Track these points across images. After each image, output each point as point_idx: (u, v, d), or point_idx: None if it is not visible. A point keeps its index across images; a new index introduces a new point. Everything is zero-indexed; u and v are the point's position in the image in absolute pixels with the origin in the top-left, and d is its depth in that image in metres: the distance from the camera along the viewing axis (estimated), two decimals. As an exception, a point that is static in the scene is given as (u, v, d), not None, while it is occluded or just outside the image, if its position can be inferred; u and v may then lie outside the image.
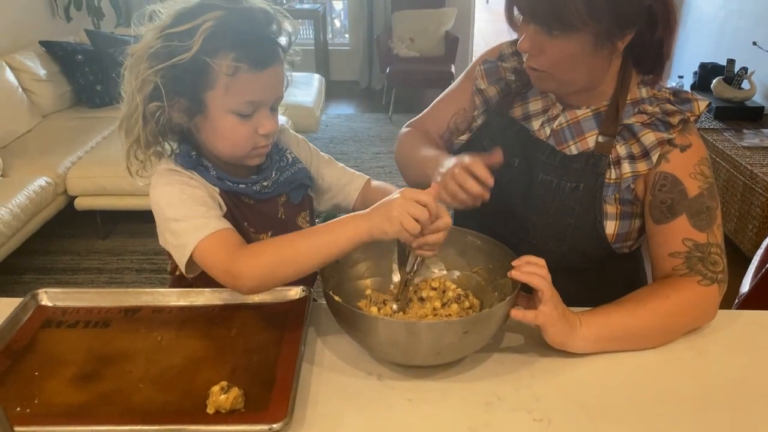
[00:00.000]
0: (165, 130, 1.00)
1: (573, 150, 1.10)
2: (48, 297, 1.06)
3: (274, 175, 1.09)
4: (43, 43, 3.88)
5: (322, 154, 1.22)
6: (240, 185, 1.04)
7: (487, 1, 10.86)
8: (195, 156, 1.02)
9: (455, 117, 1.26)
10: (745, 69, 3.54)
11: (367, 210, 0.89)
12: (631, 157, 1.06)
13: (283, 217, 1.11)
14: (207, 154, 1.04)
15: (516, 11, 1.01)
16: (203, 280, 1.01)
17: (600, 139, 1.07)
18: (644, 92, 1.08)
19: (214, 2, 0.92)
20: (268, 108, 0.98)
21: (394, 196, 0.88)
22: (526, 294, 0.95)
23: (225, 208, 1.03)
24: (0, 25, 3.72)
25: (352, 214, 0.91)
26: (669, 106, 1.04)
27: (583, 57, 0.98)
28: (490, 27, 8.65)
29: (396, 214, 0.86)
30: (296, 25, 1.02)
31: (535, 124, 1.14)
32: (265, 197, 1.08)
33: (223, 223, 0.96)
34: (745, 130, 3.33)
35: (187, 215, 0.95)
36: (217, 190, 1.02)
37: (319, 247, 0.90)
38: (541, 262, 0.93)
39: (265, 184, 1.07)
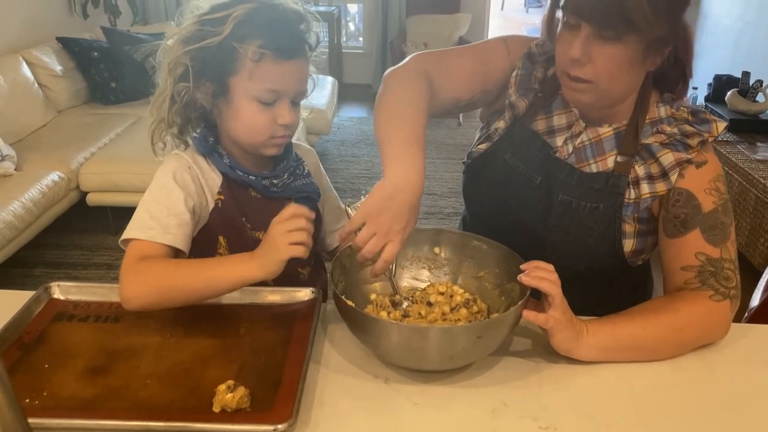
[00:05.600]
0: (190, 112, 1.05)
1: (593, 168, 1.09)
2: (60, 290, 1.07)
3: (286, 177, 1.12)
4: (59, 39, 3.92)
5: (333, 191, 1.28)
6: (250, 176, 1.07)
7: (502, 8, 10.85)
8: (212, 142, 1.07)
9: (482, 94, 1.17)
10: (760, 82, 3.52)
11: (254, 252, 0.94)
12: (650, 178, 1.05)
13: None
14: (225, 142, 1.07)
15: (561, 19, 0.99)
16: None
17: (619, 158, 1.06)
18: (663, 111, 1.07)
19: None
20: (289, 99, 1.02)
21: (270, 230, 0.93)
22: (535, 299, 0.95)
23: (211, 206, 1.06)
24: (17, 21, 3.76)
25: (243, 254, 0.95)
26: (688, 127, 1.04)
27: (630, 66, 0.97)
28: (504, 33, 8.65)
29: (280, 240, 0.91)
30: (319, 28, 1.06)
31: (559, 141, 1.12)
32: (273, 195, 1.10)
33: (164, 237, 0.97)
34: (758, 143, 3.31)
35: (149, 209, 1.00)
36: (220, 180, 1.06)
37: (209, 281, 0.94)
38: (550, 267, 0.93)
39: (275, 182, 1.10)
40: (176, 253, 1.00)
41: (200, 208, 1.05)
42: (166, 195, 1.01)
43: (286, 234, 0.91)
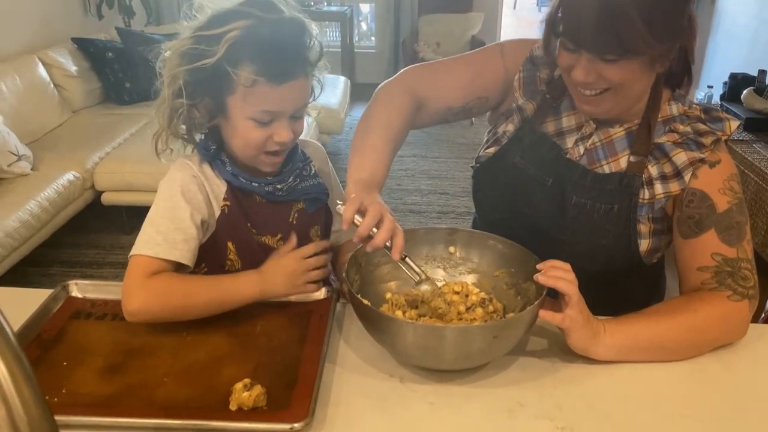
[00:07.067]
0: (190, 124, 1.04)
1: (605, 170, 1.08)
2: (78, 288, 1.08)
3: (291, 180, 1.11)
4: (74, 40, 3.95)
5: (341, 189, 1.25)
6: (253, 183, 1.07)
7: (514, 7, 10.81)
8: (214, 150, 1.06)
9: (476, 101, 1.18)
10: (776, 80, 3.48)
11: (263, 272, 1.03)
12: (663, 177, 1.04)
13: (295, 222, 1.13)
14: (228, 150, 1.07)
15: (559, 43, 0.99)
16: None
17: (632, 158, 1.06)
18: (675, 109, 1.06)
19: (249, 9, 0.95)
20: (286, 117, 1.00)
21: (285, 262, 1.04)
22: (551, 298, 0.94)
23: (218, 213, 1.05)
24: (33, 22, 3.80)
25: (250, 272, 1.03)
26: (701, 126, 1.03)
27: (641, 74, 0.97)
28: (516, 32, 8.62)
29: (302, 277, 1.04)
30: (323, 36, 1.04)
31: (569, 142, 1.11)
32: (277, 199, 1.10)
33: (170, 253, 0.99)
34: (775, 143, 3.27)
35: (155, 223, 1.01)
36: (225, 186, 1.06)
37: (213, 304, 1.00)
38: (567, 266, 0.92)
39: (279, 186, 1.09)
40: (180, 266, 1.01)
41: (208, 218, 1.05)
42: (171, 209, 1.01)
43: (308, 273, 1.03)
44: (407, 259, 0.97)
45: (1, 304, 1.09)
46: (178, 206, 1.01)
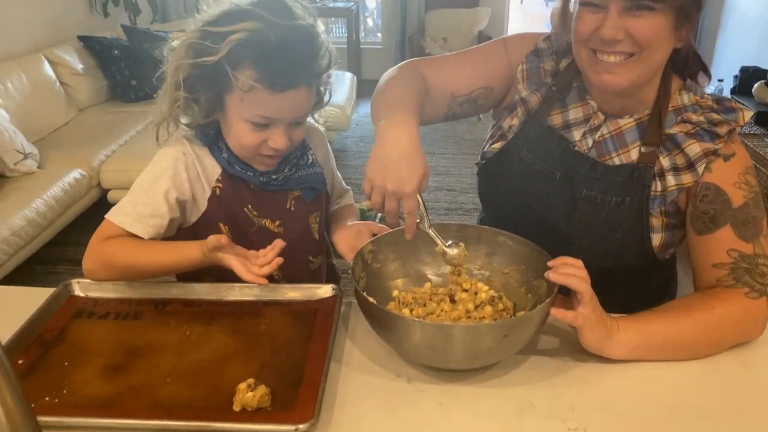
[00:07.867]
0: (189, 115, 1.05)
1: (615, 162, 1.06)
2: (80, 287, 1.07)
3: (287, 170, 1.11)
4: (81, 38, 3.96)
5: (338, 173, 1.28)
6: (248, 173, 1.07)
7: (521, 2, 10.76)
8: (212, 135, 1.07)
9: (482, 91, 1.16)
10: (789, 73, 3.43)
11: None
12: (675, 169, 1.02)
13: (293, 209, 1.13)
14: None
15: (577, 4, 0.97)
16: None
17: (643, 149, 1.03)
18: (686, 99, 1.04)
19: (260, 12, 0.94)
20: (284, 124, 1.00)
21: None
22: (563, 296, 0.92)
23: (209, 194, 1.06)
24: (40, 20, 3.80)
25: (194, 242, 1.00)
26: (714, 116, 1.00)
27: (666, 34, 0.94)
28: (523, 27, 8.57)
29: (255, 269, 0.97)
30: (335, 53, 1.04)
31: (576, 134, 1.09)
32: (272, 188, 1.10)
33: (133, 226, 1.03)
34: (787, 137, 3.22)
35: (132, 192, 1.05)
36: (219, 169, 1.07)
37: (160, 267, 1.03)
38: (579, 263, 0.90)
39: (273, 176, 1.09)
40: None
41: (191, 197, 1.06)
42: (150, 183, 1.04)
43: (259, 267, 0.96)
44: (430, 231, 0.98)
45: (3, 303, 1.09)
46: (157, 182, 1.04)
